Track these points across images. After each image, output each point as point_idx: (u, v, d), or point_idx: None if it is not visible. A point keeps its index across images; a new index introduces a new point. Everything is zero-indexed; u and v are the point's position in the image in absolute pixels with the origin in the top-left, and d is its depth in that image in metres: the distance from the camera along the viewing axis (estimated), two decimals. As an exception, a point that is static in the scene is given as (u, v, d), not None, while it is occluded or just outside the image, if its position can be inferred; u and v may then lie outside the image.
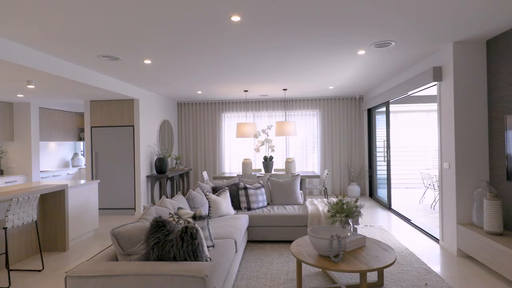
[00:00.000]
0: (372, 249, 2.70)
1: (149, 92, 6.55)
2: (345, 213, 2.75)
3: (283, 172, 6.53)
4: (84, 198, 4.61)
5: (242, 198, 4.45)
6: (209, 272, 1.81)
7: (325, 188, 6.41)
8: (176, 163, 7.40)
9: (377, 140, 7.00)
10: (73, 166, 8.09)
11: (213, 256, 2.49)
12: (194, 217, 2.63)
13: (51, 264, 3.65)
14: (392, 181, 6.12)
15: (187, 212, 2.79)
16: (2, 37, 3.10)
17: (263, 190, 4.62)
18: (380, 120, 6.78)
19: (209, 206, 4.05)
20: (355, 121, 7.84)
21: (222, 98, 7.75)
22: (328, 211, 2.88)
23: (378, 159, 6.93)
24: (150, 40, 3.30)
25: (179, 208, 2.89)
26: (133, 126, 6.13)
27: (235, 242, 3.05)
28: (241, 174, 6.27)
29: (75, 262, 3.73)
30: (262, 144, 6.38)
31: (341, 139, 7.84)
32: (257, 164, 8.01)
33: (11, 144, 6.45)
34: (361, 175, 7.79)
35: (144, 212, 2.44)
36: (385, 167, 6.22)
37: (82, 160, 8.17)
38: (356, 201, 2.89)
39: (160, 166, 6.36)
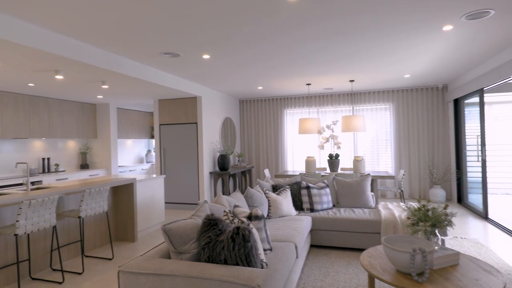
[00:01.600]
0: (468, 269, 2.15)
1: (211, 90, 6.64)
2: (431, 221, 2.24)
3: (351, 172, 5.98)
4: (151, 192, 4.81)
5: (305, 198, 4.13)
6: (262, 281, 1.56)
7: (401, 191, 5.67)
8: (238, 161, 7.39)
9: (466, 136, 5.95)
10: (147, 162, 8.71)
11: (270, 261, 2.24)
12: (250, 217, 2.42)
13: (121, 253, 3.84)
14: (489, 185, 5.10)
15: (243, 210, 2.59)
16: (81, 41, 3.33)
17: (328, 190, 4.22)
18: (470, 112, 5.74)
19: (269, 206, 3.83)
20: (438, 114, 6.82)
21: (283, 94, 7.48)
22: (408, 218, 2.39)
23: (469, 158, 5.88)
24: (207, 32, 3.21)
25: (235, 206, 2.72)
26: (196, 123, 6.26)
27: (296, 247, 2.76)
28: (304, 172, 5.93)
29: (142, 253, 3.87)
30: (327, 141, 5.93)
31: (420, 136, 6.90)
32: (322, 163, 7.55)
33: (95, 141, 7.17)
34: (447, 177, 6.74)
35: (197, 208, 2.32)
36: (479, 168, 5.23)
37: (154, 156, 8.75)
38: (445, 208, 2.35)
39: (222, 163, 6.39)
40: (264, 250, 2.42)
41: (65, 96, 5.86)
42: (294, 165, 7.80)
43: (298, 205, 4.18)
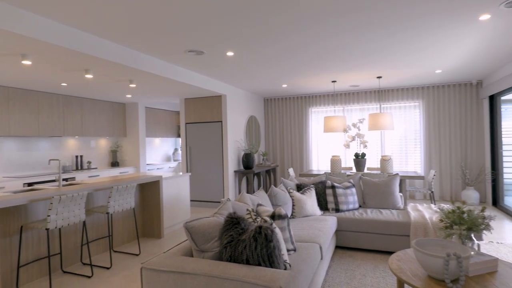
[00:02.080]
0: (508, 277, 1.98)
1: (236, 88, 6.65)
2: (467, 225, 2.09)
3: (378, 171, 5.77)
4: (177, 189, 4.89)
5: (330, 198, 4.02)
6: (285, 283, 1.52)
7: (431, 192, 5.40)
8: (263, 159, 7.36)
9: (503, 135, 5.56)
10: (174, 160, 8.92)
11: (294, 262, 2.19)
12: (273, 216, 2.38)
13: (147, 249, 3.93)
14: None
15: (267, 209, 2.56)
16: (108, 39, 3.44)
17: (353, 190, 4.09)
18: (507, 110, 5.35)
19: (293, 205, 3.77)
20: (471, 112, 6.42)
21: (308, 92, 7.36)
22: (441, 220, 2.25)
23: (505, 158, 5.49)
24: (231, 27, 3.20)
25: (258, 205, 2.69)
26: (221, 122, 6.30)
27: (321, 248, 2.68)
28: (329, 172, 5.79)
29: (166, 250, 3.94)
30: (353, 140, 5.76)
31: (452, 134, 6.53)
32: (347, 162, 7.35)
33: (124, 140, 7.42)
34: (481, 178, 6.34)
35: (220, 206, 2.31)
36: (519, 169, 4.86)
37: (181, 155, 8.92)
38: (482, 210, 2.18)
39: (247, 162, 6.38)
40: (288, 250, 2.37)
41: (96, 95, 6.10)
42: (319, 164, 7.65)
43: (322, 205, 4.08)
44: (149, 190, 4.48)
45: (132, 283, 2.96)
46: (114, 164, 7.10)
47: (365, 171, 6.02)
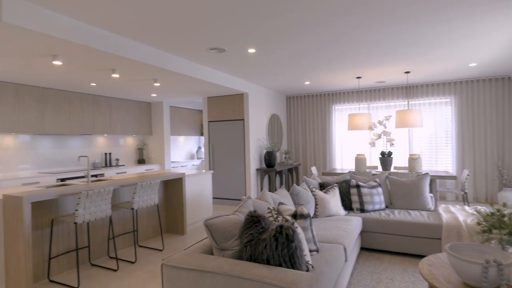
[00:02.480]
0: (557, 288, 1.80)
1: (258, 86, 6.61)
2: (508, 229, 1.92)
3: (405, 171, 5.52)
4: (199, 187, 4.93)
5: (354, 198, 3.89)
6: (307, 286, 1.46)
7: (465, 193, 5.09)
8: (285, 158, 7.28)
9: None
10: (197, 158, 9.04)
11: (316, 263, 2.11)
12: (295, 215, 2.32)
13: (170, 245, 3.99)
14: None
15: (288, 208, 2.50)
16: (133, 39, 3.51)
17: (380, 189, 3.93)
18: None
19: (316, 204, 3.67)
20: (509, 108, 5.98)
21: (331, 89, 7.18)
22: (478, 223, 2.09)
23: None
24: (252, 24, 3.15)
25: (280, 203, 2.63)
26: (243, 120, 6.29)
27: (345, 249, 2.58)
28: (354, 170, 5.62)
29: (188, 246, 3.98)
30: (379, 138, 5.55)
31: (488, 132, 6.13)
32: (373, 161, 7.11)
33: (150, 138, 7.60)
34: (521, 179, 5.90)
35: (240, 204, 2.28)
36: None
37: (204, 153, 9.03)
38: (526, 214, 2.00)
39: (269, 160, 6.34)
40: (310, 251, 2.30)
41: (124, 95, 6.29)
42: (343, 163, 7.46)
43: (347, 205, 3.95)
44: (173, 187, 4.55)
45: (155, 278, 3.00)
46: (141, 161, 7.29)
47: (392, 170, 5.79)
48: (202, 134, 8.93)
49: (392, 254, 3.46)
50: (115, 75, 4.25)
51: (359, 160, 5.54)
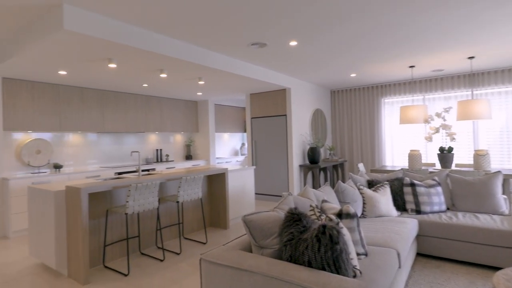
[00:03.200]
0: None
1: (300, 81, 6.43)
2: None
3: (470, 169, 4.95)
4: (242, 182, 4.95)
5: (408, 197, 3.57)
6: (353, 293, 1.32)
7: (544, 195, 4.40)
8: (329, 154, 7.01)
9: None
10: (241, 155, 9.14)
11: (365, 268, 1.95)
12: (340, 214, 2.16)
13: (213, 239, 4.05)
14: None
15: (333, 206, 2.34)
16: (180, 39, 3.60)
17: (439, 189, 3.55)
18: None
19: (363, 203, 3.44)
20: None
21: (380, 80, 6.70)
22: None
23: None
24: (293, 14, 3.02)
25: (323, 201, 2.49)
26: (285, 115, 6.17)
27: (399, 254, 2.36)
28: (407, 168, 5.19)
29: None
30: (436, 132, 5.04)
31: None
32: (429, 157, 6.51)
33: (196, 135, 7.85)
34: None
35: (281, 201, 2.18)
36: None
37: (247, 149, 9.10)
38: None
39: (312, 156, 6.14)
40: (358, 254, 2.13)
41: (172, 94, 6.55)
42: (394, 159, 6.95)
43: (399, 205, 3.64)
44: (216, 182, 4.61)
45: (197, 271, 3.05)
46: (188, 157, 7.57)
47: (453, 167, 5.23)
48: (245, 131, 8.99)
49: (455, 263, 3.10)
50: (163, 75, 4.41)
51: (413, 157, 5.10)
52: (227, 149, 8.94)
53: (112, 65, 3.77)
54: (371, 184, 3.88)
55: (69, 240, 2.99)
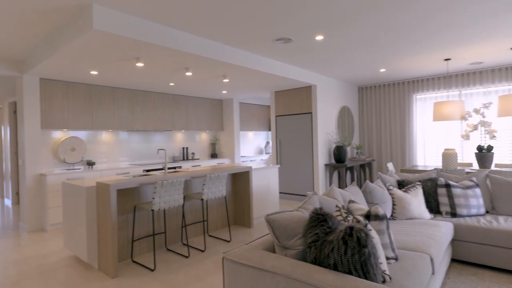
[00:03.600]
0: None
1: (327, 77, 6.27)
2: None
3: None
4: (266, 181, 4.91)
5: (443, 199, 3.36)
6: (382, 300, 1.24)
7: None
8: (356, 153, 6.79)
9: None
10: (266, 153, 9.10)
11: (395, 274, 1.84)
12: (368, 216, 2.06)
13: (237, 237, 4.05)
14: None
15: (360, 207, 2.24)
16: (204, 37, 3.62)
17: (477, 191, 3.31)
18: None
19: (393, 204, 3.28)
20: None
21: (412, 75, 6.38)
22: None
23: None
24: (319, 7, 2.92)
25: (350, 201, 2.39)
26: (311, 113, 6.05)
27: (432, 260, 2.21)
28: (440, 168, 4.90)
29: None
30: (474, 129, 4.72)
31: None
32: (465, 156, 6.12)
33: (221, 133, 7.92)
34: None
35: (305, 200, 2.12)
36: None
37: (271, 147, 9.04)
38: None
39: (338, 155, 5.98)
40: (387, 258, 2.02)
41: (198, 93, 6.64)
42: (426, 159, 6.61)
43: (432, 207, 3.44)
44: (240, 180, 4.61)
45: (221, 269, 3.05)
46: (213, 155, 7.65)
47: (492, 167, 4.88)
48: (270, 130, 8.94)
49: (494, 271, 2.87)
50: (188, 73, 4.47)
51: (448, 156, 4.81)
52: (252, 148, 8.93)
53: (140, 64, 3.87)
54: (401, 185, 3.70)
55: (99, 235, 3.10)
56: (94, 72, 4.41)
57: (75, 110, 5.05)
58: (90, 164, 5.27)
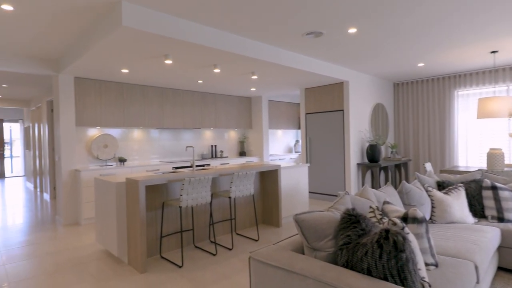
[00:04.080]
0: None
1: (359, 73, 6.01)
2: None
3: None
4: (295, 180, 4.80)
5: (488, 202, 3.07)
6: (424, 312, 1.11)
7: None
8: (391, 152, 6.46)
9: None
10: (295, 152, 8.96)
11: (435, 281, 1.68)
12: (405, 218, 1.91)
13: (265, 236, 3.98)
14: None
15: (396, 209, 2.09)
16: (232, 32, 3.59)
17: (529, 194, 2.98)
18: None
19: (432, 207, 3.05)
20: None
21: (454, 70, 5.94)
22: None
23: None
24: (354, -2, 2.77)
25: (385, 202, 2.23)
26: (342, 110, 5.83)
27: (476, 267, 2.01)
28: (485, 169, 4.51)
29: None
30: (526, 127, 4.28)
31: None
32: (514, 158, 5.60)
33: (250, 132, 7.89)
34: None
35: (336, 200, 2.00)
36: None
37: (301, 146, 8.88)
38: None
39: (371, 154, 5.72)
40: (426, 264, 1.86)
41: (227, 91, 6.66)
42: (468, 159, 6.14)
43: (476, 211, 3.16)
44: (269, 179, 4.53)
45: (248, 267, 3.00)
46: (242, 153, 7.65)
47: (547, 170, 4.41)
48: (299, 128, 8.78)
49: (549, 282, 2.58)
50: (217, 70, 4.46)
51: (494, 156, 4.42)
52: (281, 146, 8.83)
53: (168, 61, 3.92)
54: (441, 186, 3.44)
55: (129, 230, 3.17)
56: (124, 70, 4.54)
57: (107, 108, 5.25)
58: (122, 160, 5.46)
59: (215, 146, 7.11)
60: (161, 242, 3.40)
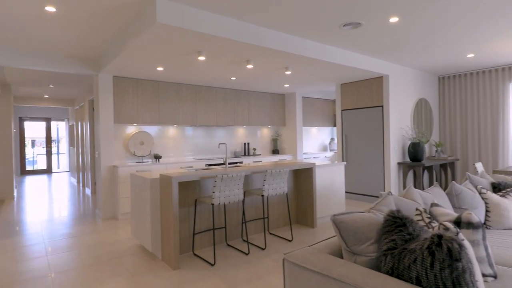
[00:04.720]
0: None
1: (400, 66, 5.64)
2: None
3: None
4: (330, 179, 4.61)
5: (556, 208, 2.69)
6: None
7: None
8: (436, 151, 6.01)
9: None
10: (330, 150, 8.68)
11: (496, 295, 1.47)
12: (458, 223, 1.70)
13: (299, 237, 3.86)
14: None
15: (446, 212, 1.87)
16: (263, 26, 3.50)
17: None
18: None
19: (486, 211, 2.74)
20: None
21: (508, 61, 5.36)
22: None
23: None
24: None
25: (433, 205, 2.02)
26: (382, 106, 5.51)
27: (544, 281, 1.74)
28: (550, 170, 4.01)
29: (317, 241, 3.74)
30: None
31: None
32: None
33: (283, 129, 7.77)
34: None
35: (378, 201, 1.83)
36: None
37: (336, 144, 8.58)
38: None
39: (414, 153, 5.35)
40: (483, 275, 1.64)
41: (260, 88, 6.60)
42: (528, 159, 5.52)
43: (541, 217, 2.78)
44: (303, 177, 4.40)
45: (281, 269, 2.90)
46: (275, 151, 7.55)
47: None
48: (335, 125, 8.48)
49: None
50: (250, 66, 4.40)
51: (561, 156, 3.89)
52: (315, 144, 8.59)
53: (201, 58, 3.92)
54: (496, 188, 3.09)
55: (162, 226, 3.21)
56: (160, 68, 4.63)
57: (143, 106, 5.41)
58: (157, 157, 5.61)
59: (248, 143, 7.07)
60: (193, 239, 3.41)
